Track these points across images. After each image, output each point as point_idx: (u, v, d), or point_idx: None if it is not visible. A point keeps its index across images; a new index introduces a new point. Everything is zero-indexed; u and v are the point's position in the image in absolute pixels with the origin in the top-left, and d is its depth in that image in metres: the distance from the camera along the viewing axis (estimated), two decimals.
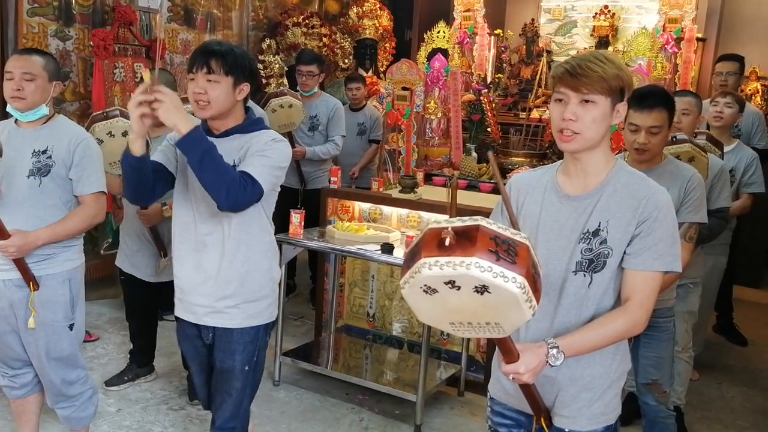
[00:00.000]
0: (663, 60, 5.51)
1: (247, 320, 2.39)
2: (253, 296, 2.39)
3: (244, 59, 2.29)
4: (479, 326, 1.47)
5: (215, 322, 2.38)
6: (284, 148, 2.35)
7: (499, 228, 1.41)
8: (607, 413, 1.86)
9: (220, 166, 2.13)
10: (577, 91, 1.70)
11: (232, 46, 2.31)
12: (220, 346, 2.40)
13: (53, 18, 4.65)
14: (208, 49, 2.25)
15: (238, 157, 2.28)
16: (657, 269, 1.73)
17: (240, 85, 2.27)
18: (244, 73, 2.27)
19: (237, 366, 2.40)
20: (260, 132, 2.35)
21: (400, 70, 4.68)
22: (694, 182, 2.63)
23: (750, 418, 3.88)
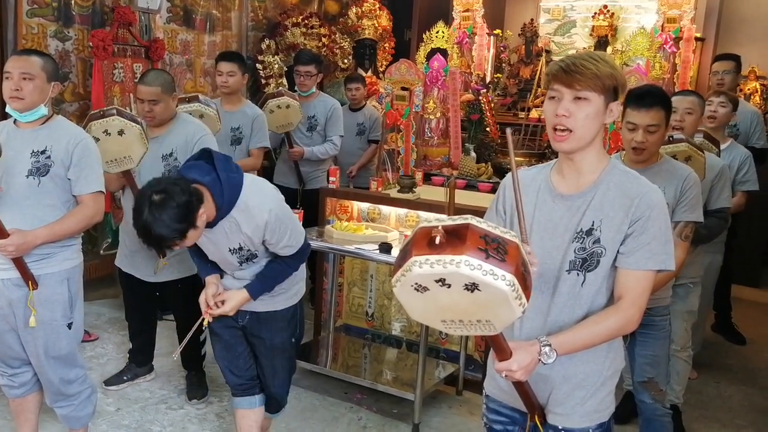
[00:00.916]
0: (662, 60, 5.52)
1: (287, 302, 2.75)
2: (292, 282, 2.74)
3: (177, 223, 2.30)
4: (470, 324, 1.48)
5: (257, 308, 2.69)
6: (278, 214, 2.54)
7: (488, 226, 1.42)
8: (601, 411, 1.87)
9: (282, 274, 2.64)
10: (570, 87, 1.72)
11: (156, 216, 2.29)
12: (266, 326, 2.73)
13: (52, 19, 4.67)
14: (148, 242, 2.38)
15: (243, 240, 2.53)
16: (650, 268, 1.74)
17: (196, 221, 2.35)
18: (189, 218, 2.32)
19: (284, 341, 2.77)
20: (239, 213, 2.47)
21: (399, 70, 4.70)
22: (690, 181, 2.64)
23: (748, 417, 3.88)
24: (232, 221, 2.46)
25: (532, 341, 1.68)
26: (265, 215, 2.46)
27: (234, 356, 2.80)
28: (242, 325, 2.73)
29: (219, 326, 2.73)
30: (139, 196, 2.34)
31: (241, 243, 2.52)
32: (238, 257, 2.58)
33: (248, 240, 2.51)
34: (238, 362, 2.80)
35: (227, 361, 2.81)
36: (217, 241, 2.52)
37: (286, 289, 2.72)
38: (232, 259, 2.59)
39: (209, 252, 2.62)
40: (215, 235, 2.49)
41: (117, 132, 3.19)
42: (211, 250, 2.60)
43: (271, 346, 2.76)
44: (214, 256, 2.62)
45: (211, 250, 2.60)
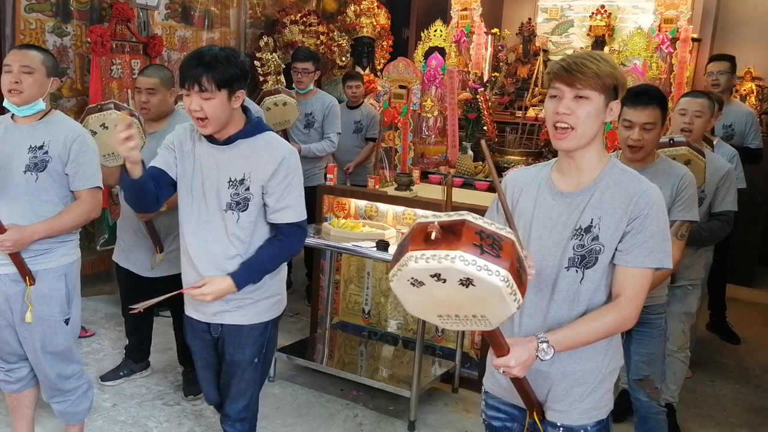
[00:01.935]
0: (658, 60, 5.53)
1: (257, 317, 2.46)
2: (262, 295, 2.45)
3: (234, 66, 2.24)
4: (466, 319, 1.49)
5: (225, 320, 2.44)
6: (296, 162, 2.39)
7: (484, 223, 1.44)
8: (599, 408, 1.88)
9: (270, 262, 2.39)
10: (571, 86, 1.73)
11: (218, 54, 2.23)
12: (230, 340, 2.46)
13: (51, 14, 4.66)
14: (196, 64, 2.19)
15: (248, 168, 2.32)
16: (648, 266, 1.75)
17: (235, 94, 2.26)
18: (237, 80, 2.25)
19: (247, 359, 2.47)
20: (265, 138, 2.36)
21: (397, 69, 4.70)
22: (686, 181, 2.65)
23: (742, 416, 3.90)
24: (251, 145, 2.33)
25: (530, 337, 1.70)
26: (285, 151, 2.35)
27: (212, 374, 2.59)
28: (215, 337, 2.49)
29: (197, 343, 2.54)
30: None
31: (245, 174, 2.31)
32: (231, 194, 2.33)
33: (255, 172, 2.31)
34: (216, 382, 2.61)
35: (206, 380, 2.61)
36: (223, 163, 2.33)
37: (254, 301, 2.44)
38: (225, 194, 2.33)
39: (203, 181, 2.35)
40: (225, 155, 2.32)
41: (114, 125, 3.19)
42: (207, 179, 2.35)
43: (231, 361, 2.48)
44: (206, 186, 2.35)
45: (207, 179, 2.35)
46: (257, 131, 2.37)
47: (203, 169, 2.36)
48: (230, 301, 2.40)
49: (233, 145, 2.33)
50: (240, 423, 2.56)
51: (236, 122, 2.33)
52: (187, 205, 2.40)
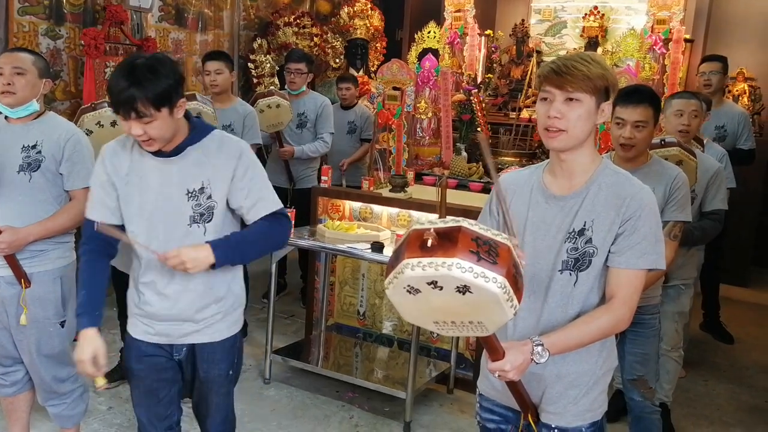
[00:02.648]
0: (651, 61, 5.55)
1: (228, 330, 2.32)
2: (231, 306, 2.32)
3: (166, 77, 2.00)
4: (462, 325, 1.50)
5: (197, 340, 2.27)
6: (252, 153, 2.24)
7: (480, 229, 1.44)
8: (593, 410, 1.89)
9: (256, 243, 2.21)
10: (562, 89, 1.73)
11: (146, 69, 1.99)
12: (204, 358, 2.29)
13: (44, 17, 4.65)
14: (126, 85, 1.96)
15: (205, 176, 2.14)
16: (641, 267, 1.75)
17: (176, 106, 2.05)
18: (174, 91, 2.03)
19: (222, 374, 2.34)
20: (213, 140, 2.19)
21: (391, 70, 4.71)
22: (679, 181, 2.67)
23: (736, 415, 3.92)
24: (202, 149, 2.15)
25: (525, 341, 1.70)
26: (239, 146, 2.19)
27: (154, 402, 2.35)
28: (178, 359, 2.30)
29: (142, 368, 2.29)
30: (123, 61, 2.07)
31: (204, 181, 2.13)
32: (193, 207, 2.14)
33: (213, 177, 2.13)
34: (158, 409, 2.36)
35: (144, 408, 2.36)
36: (174, 177, 2.13)
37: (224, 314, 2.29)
38: (185, 209, 2.14)
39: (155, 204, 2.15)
40: (175, 167, 2.13)
41: (110, 123, 3.19)
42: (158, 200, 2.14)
43: (206, 379, 2.33)
44: (159, 209, 2.14)
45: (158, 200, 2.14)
46: (204, 133, 2.18)
47: (153, 186, 2.15)
48: (200, 320, 2.23)
49: (183, 155, 2.14)
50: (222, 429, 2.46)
51: (181, 130, 2.13)
52: (142, 232, 2.17)
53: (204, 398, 2.38)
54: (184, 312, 2.22)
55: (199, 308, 2.23)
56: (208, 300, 2.23)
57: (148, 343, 2.27)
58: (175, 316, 2.22)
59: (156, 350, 2.28)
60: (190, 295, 2.20)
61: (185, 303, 2.21)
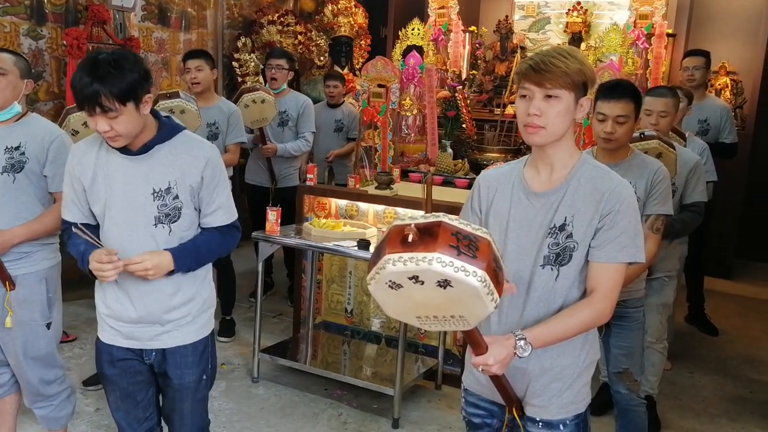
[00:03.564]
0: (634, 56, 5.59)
1: (199, 333, 2.30)
2: (201, 308, 2.30)
3: (131, 71, 1.99)
4: (444, 319, 1.51)
5: (166, 343, 2.24)
6: (218, 157, 2.22)
7: (460, 224, 1.45)
8: (577, 402, 1.91)
9: (209, 251, 2.22)
10: (540, 86, 1.74)
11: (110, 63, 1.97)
12: (175, 363, 2.26)
13: (25, 17, 4.63)
14: (90, 81, 1.94)
15: (172, 176, 2.12)
16: (621, 261, 1.77)
17: (142, 101, 2.04)
18: (140, 85, 2.01)
19: (195, 379, 2.31)
20: (183, 140, 2.18)
21: (376, 67, 4.71)
22: (660, 175, 2.70)
23: (721, 406, 3.96)
24: (170, 149, 2.13)
25: (507, 335, 1.71)
26: (208, 150, 2.18)
27: (132, 405, 2.33)
28: (149, 363, 2.27)
29: (116, 372, 2.28)
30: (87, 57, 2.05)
31: (170, 181, 2.11)
32: (158, 206, 2.12)
33: (180, 177, 2.12)
34: (137, 412, 2.34)
35: (123, 413, 2.34)
36: (141, 176, 2.11)
37: (193, 317, 2.27)
38: (150, 211, 2.12)
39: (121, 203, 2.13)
40: (142, 166, 2.11)
41: None
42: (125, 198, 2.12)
43: (179, 386, 2.29)
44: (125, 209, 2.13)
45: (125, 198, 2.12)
46: (173, 133, 2.17)
47: (118, 184, 2.13)
48: (168, 322, 2.22)
49: (150, 153, 2.12)
50: None
51: (149, 127, 2.11)
52: (107, 230, 2.16)
53: (178, 406, 2.33)
54: (151, 314, 2.20)
55: (167, 309, 2.21)
56: (175, 301, 2.21)
57: (119, 347, 2.25)
58: (143, 318, 2.20)
59: (127, 354, 2.26)
60: (157, 296, 2.19)
61: (152, 304, 2.19)
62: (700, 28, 6.53)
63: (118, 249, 2.10)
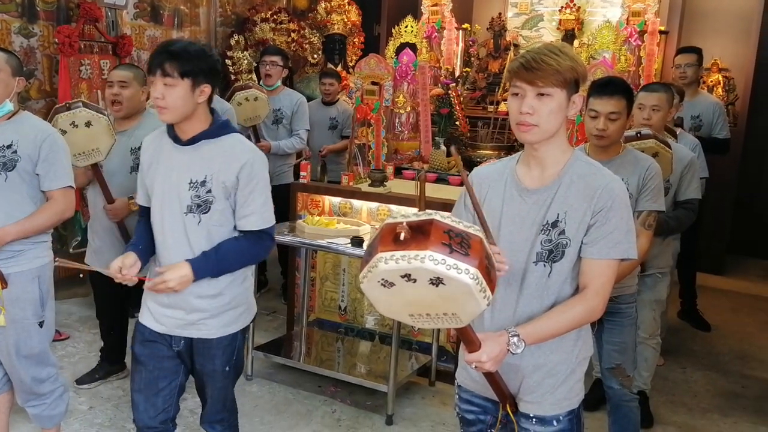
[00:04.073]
0: (627, 53, 5.60)
1: (223, 329, 2.38)
2: (227, 306, 2.37)
3: (202, 60, 2.19)
4: (437, 317, 1.51)
5: (191, 334, 2.35)
6: (261, 164, 2.30)
7: (452, 222, 1.45)
8: (570, 398, 1.91)
9: (234, 261, 2.29)
10: (532, 84, 1.75)
11: (188, 45, 2.20)
12: (199, 352, 2.38)
13: (16, 15, 4.60)
14: (162, 50, 2.17)
15: (210, 171, 2.23)
16: (613, 257, 1.78)
17: (199, 87, 2.19)
18: (203, 74, 2.18)
19: (218, 369, 2.40)
20: (230, 140, 2.28)
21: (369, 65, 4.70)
22: (652, 171, 2.71)
23: (713, 401, 3.99)
24: (214, 146, 2.26)
25: (501, 332, 1.72)
26: (249, 154, 2.27)
27: (154, 392, 2.41)
28: (177, 350, 2.39)
29: (145, 353, 2.39)
30: None
31: (207, 175, 2.23)
32: (192, 197, 2.24)
33: (216, 173, 2.23)
34: (156, 400, 2.42)
35: (144, 396, 2.41)
36: (184, 164, 2.25)
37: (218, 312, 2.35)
38: (184, 197, 2.25)
39: (165, 183, 2.28)
40: (187, 156, 2.25)
41: (84, 123, 3.17)
42: (169, 180, 2.27)
43: (201, 372, 2.42)
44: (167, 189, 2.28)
45: (169, 179, 2.27)
46: (222, 132, 2.29)
47: (164, 170, 2.30)
48: (194, 311, 2.31)
49: (196, 146, 2.26)
50: (219, 424, 2.54)
51: (201, 121, 2.25)
52: (153, 208, 2.34)
53: (203, 388, 2.48)
54: (185, 300, 2.29)
55: (196, 296, 2.29)
56: (203, 290, 2.30)
57: (151, 330, 2.38)
58: (173, 302, 2.30)
59: (157, 337, 2.38)
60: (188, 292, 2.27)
61: (182, 299, 2.29)
62: (693, 25, 6.55)
63: (158, 230, 2.31)
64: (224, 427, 2.56)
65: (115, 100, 3.39)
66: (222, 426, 2.55)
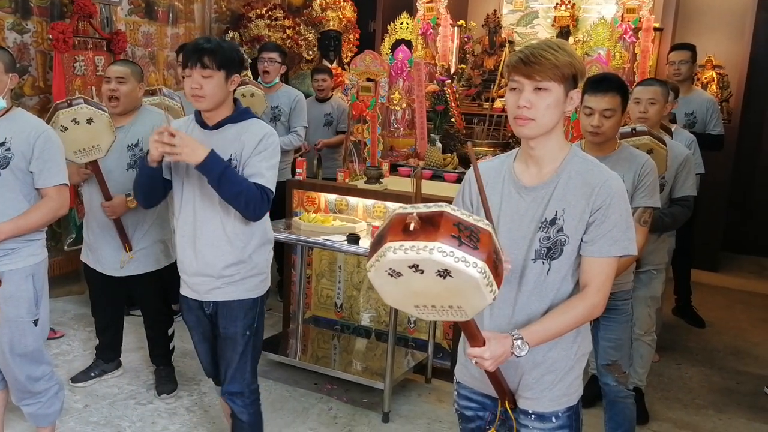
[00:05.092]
0: (622, 49, 5.59)
1: (246, 293, 2.66)
2: (248, 272, 2.64)
3: (234, 53, 2.52)
4: (443, 309, 1.51)
5: (217, 297, 2.64)
6: (276, 141, 2.59)
7: (462, 214, 1.45)
8: (569, 394, 1.91)
9: (236, 183, 2.44)
10: (530, 79, 1.74)
11: (220, 41, 2.51)
12: (223, 314, 2.66)
13: (10, 11, 4.57)
14: (199, 47, 2.43)
15: (234, 149, 2.51)
16: (613, 254, 1.78)
17: (231, 77, 2.49)
18: (234, 65, 2.49)
19: (239, 331, 2.66)
20: (250, 122, 2.57)
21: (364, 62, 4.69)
22: (648, 168, 2.71)
23: (708, 398, 4.00)
24: (238, 128, 2.54)
25: (505, 334, 1.72)
26: (266, 130, 2.56)
27: (203, 351, 2.82)
28: (209, 314, 2.70)
29: (192, 319, 2.75)
30: None
31: (233, 154, 2.51)
32: None
33: (240, 151, 2.51)
34: (209, 358, 2.83)
35: (203, 352, 2.82)
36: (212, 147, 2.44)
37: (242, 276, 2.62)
38: None
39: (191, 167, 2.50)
40: (214, 139, 2.51)
41: (86, 120, 3.15)
42: None
43: (224, 335, 2.67)
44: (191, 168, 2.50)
45: None
46: (244, 117, 2.57)
47: None
48: (219, 278, 2.59)
49: (222, 129, 2.54)
50: (238, 398, 2.72)
51: (227, 108, 2.54)
52: (185, 189, 2.58)
53: (223, 354, 2.72)
54: (208, 265, 2.58)
55: (225, 265, 2.58)
56: (231, 259, 2.58)
57: (188, 298, 2.71)
58: (201, 270, 2.60)
59: (194, 305, 2.71)
60: (215, 252, 2.56)
61: (211, 257, 2.57)
62: (687, 22, 6.56)
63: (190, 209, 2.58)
64: (244, 404, 2.74)
65: (113, 96, 3.37)
66: (242, 402, 2.73)
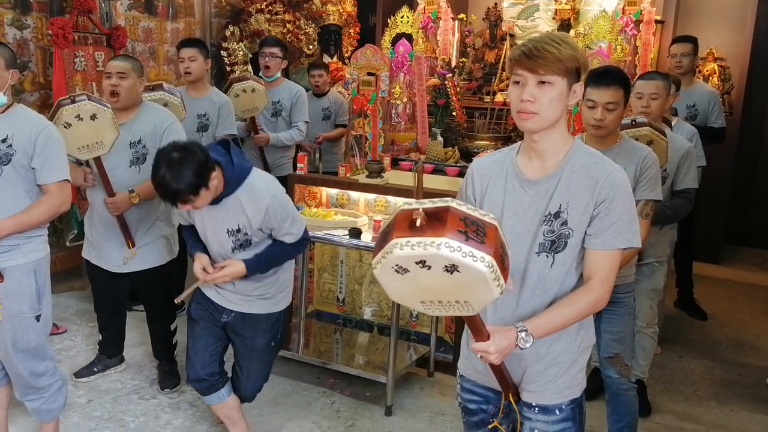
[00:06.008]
0: (623, 42, 5.58)
1: (273, 307, 2.89)
2: (278, 290, 2.89)
3: (196, 175, 2.47)
4: (449, 305, 1.51)
5: (243, 309, 2.84)
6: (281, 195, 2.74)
7: (468, 209, 1.45)
8: (573, 387, 1.92)
9: (279, 257, 2.79)
10: (534, 72, 1.74)
11: (177, 165, 2.48)
12: (249, 327, 2.86)
13: (9, 6, 4.57)
14: (170, 191, 2.48)
15: (242, 222, 2.67)
16: (617, 247, 1.78)
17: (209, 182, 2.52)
18: (203, 178, 2.49)
19: (266, 342, 2.90)
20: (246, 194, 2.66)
21: (365, 56, 4.68)
22: (649, 161, 2.71)
23: (710, 390, 4.00)
24: (236, 200, 2.64)
25: (509, 327, 1.72)
26: (267, 198, 2.65)
27: (202, 347, 2.89)
28: (225, 321, 2.86)
29: (199, 315, 2.87)
30: (159, 154, 2.50)
31: (240, 224, 2.65)
32: (233, 241, 2.71)
33: (247, 222, 2.66)
34: (204, 355, 2.89)
35: (193, 351, 2.89)
36: (218, 219, 2.67)
37: (271, 295, 2.88)
38: (227, 242, 2.72)
39: (207, 231, 2.75)
40: (217, 212, 2.65)
41: (89, 116, 3.14)
42: (209, 230, 2.74)
43: (251, 346, 2.89)
44: (210, 236, 2.75)
45: (209, 230, 2.74)
46: (236, 185, 2.64)
47: (207, 225, 2.75)
48: (251, 295, 2.81)
49: (221, 204, 2.65)
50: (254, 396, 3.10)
51: (219, 187, 2.60)
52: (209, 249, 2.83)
53: (246, 364, 2.93)
54: (239, 289, 2.81)
55: (254, 288, 2.81)
56: (260, 283, 2.81)
57: (208, 297, 2.85)
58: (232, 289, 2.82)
59: (211, 305, 2.86)
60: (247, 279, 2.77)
61: (242, 285, 2.80)
62: (688, 14, 6.54)
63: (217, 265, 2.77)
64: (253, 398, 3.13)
65: (114, 91, 3.36)
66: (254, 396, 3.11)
